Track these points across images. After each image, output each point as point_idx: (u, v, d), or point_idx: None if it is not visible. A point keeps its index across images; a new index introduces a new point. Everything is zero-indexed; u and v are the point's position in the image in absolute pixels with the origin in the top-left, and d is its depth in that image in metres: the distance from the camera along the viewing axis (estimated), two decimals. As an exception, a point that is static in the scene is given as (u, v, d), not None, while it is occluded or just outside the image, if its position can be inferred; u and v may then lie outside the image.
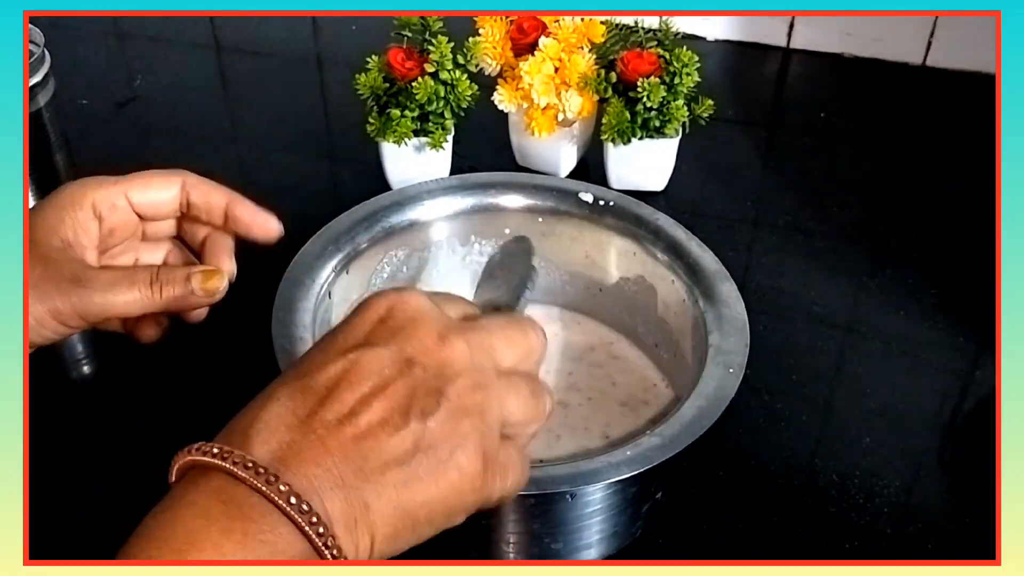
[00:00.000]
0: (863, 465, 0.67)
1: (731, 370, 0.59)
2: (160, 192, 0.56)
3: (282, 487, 0.38)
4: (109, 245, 0.55)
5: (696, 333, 0.64)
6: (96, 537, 0.63)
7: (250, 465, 0.39)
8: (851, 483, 0.66)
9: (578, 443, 0.65)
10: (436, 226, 0.71)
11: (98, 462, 0.68)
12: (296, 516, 0.38)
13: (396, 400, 0.42)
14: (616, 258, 0.70)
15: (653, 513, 0.62)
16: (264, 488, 0.38)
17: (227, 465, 0.39)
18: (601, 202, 0.70)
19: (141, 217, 0.56)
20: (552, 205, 0.71)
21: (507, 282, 0.62)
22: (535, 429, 0.47)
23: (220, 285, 0.55)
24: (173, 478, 0.42)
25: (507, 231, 0.72)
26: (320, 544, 0.38)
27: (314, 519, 0.38)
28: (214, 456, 0.40)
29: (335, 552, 0.39)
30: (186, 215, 0.58)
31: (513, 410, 0.45)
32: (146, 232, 0.58)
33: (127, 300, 0.52)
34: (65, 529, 0.63)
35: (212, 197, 0.57)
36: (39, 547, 0.53)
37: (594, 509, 0.58)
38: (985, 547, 0.62)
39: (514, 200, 0.71)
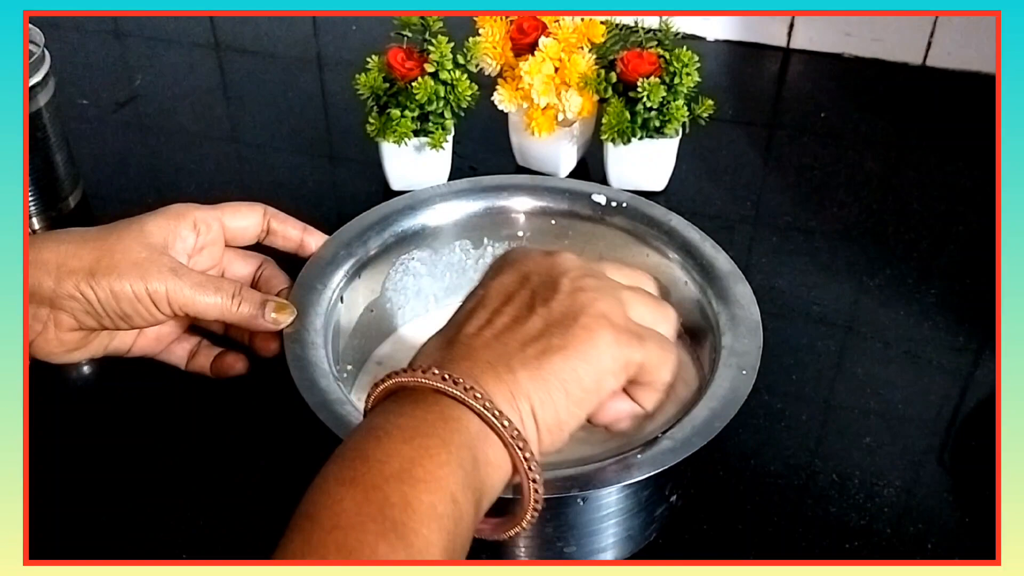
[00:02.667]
0: (863, 465, 0.67)
1: (744, 372, 0.58)
2: (247, 219, 0.65)
3: (445, 376, 0.47)
4: (195, 257, 0.64)
5: (710, 334, 0.64)
6: (96, 537, 0.63)
7: (416, 368, 0.48)
8: (851, 483, 0.66)
9: (592, 441, 0.65)
10: (449, 230, 0.71)
11: (98, 463, 0.68)
12: (463, 395, 0.46)
13: (521, 302, 0.52)
14: (630, 260, 0.70)
15: (666, 516, 0.62)
16: (428, 380, 0.47)
17: (402, 378, 0.48)
18: (614, 203, 0.70)
19: (227, 242, 0.65)
20: (566, 207, 0.71)
21: None
22: (667, 330, 0.56)
23: (287, 319, 0.62)
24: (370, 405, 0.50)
25: (520, 234, 0.72)
26: (490, 416, 0.46)
27: (478, 394, 0.46)
28: (389, 377, 0.48)
29: (504, 422, 0.46)
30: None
31: (637, 307, 0.54)
32: (232, 250, 0.67)
33: (208, 302, 0.60)
34: (65, 529, 0.63)
35: (290, 226, 0.67)
36: (39, 547, 0.53)
37: (607, 512, 0.58)
38: (985, 547, 0.62)
39: (527, 202, 0.71)
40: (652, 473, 0.53)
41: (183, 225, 0.62)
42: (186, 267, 0.61)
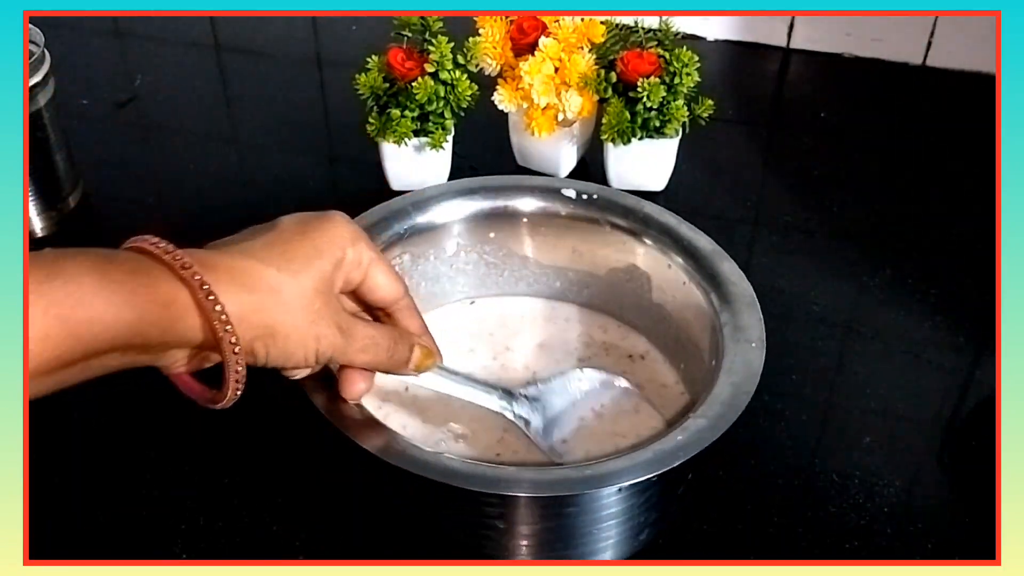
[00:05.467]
0: (863, 465, 0.67)
1: (753, 344, 0.60)
2: (389, 288, 0.57)
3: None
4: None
5: (706, 314, 0.64)
6: (96, 537, 0.64)
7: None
8: (851, 483, 0.66)
9: (591, 437, 0.65)
10: (454, 227, 0.71)
11: (98, 462, 0.68)
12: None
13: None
14: (604, 251, 0.71)
15: (667, 516, 0.62)
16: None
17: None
18: (584, 196, 0.70)
19: (357, 297, 0.57)
20: (538, 201, 0.71)
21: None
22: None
23: (430, 367, 0.58)
24: None
25: (491, 235, 0.72)
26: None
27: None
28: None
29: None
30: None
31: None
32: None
33: (367, 362, 0.55)
34: (65, 529, 0.63)
35: (413, 325, 0.59)
36: (39, 547, 0.53)
37: (608, 512, 0.57)
38: (985, 547, 0.62)
39: (529, 203, 0.72)
40: (699, 449, 0.54)
41: (352, 258, 0.54)
42: (350, 319, 0.54)
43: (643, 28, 0.84)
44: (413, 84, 0.80)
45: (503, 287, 0.75)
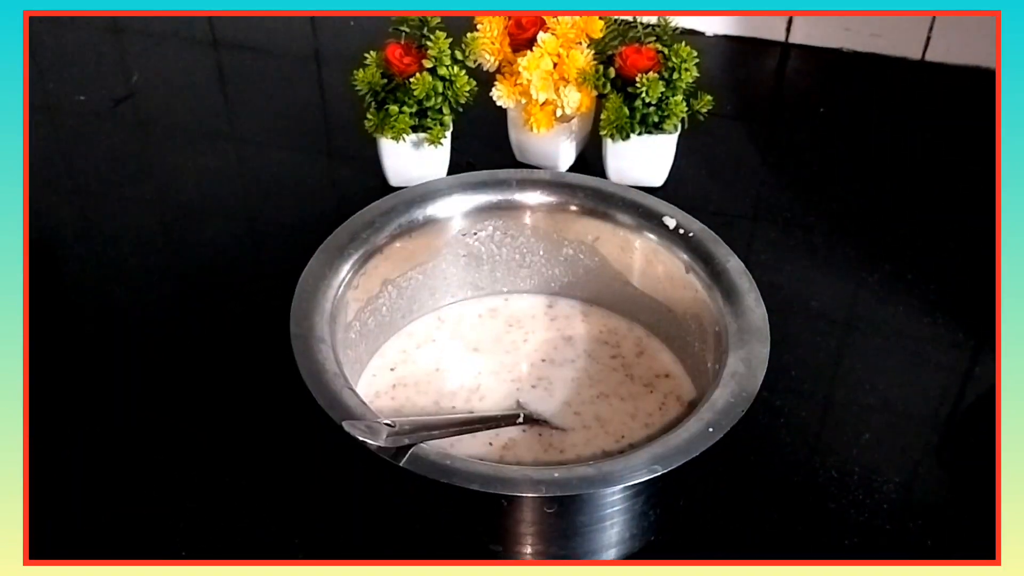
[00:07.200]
0: (862, 461, 0.68)
1: (757, 345, 0.60)
2: None
3: None
4: None
5: (707, 314, 0.65)
6: (96, 537, 0.64)
7: None
8: (850, 479, 0.66)
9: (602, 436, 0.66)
10: (458, 221, 0.71)
11: (98, 462, 0.68)
12: None
13: None
14: (610, 245, 0.71)
15: (667, 515, 0.62)
16: None
17: None
18: (587, 189, 0.71)
19: None
20: (541, 196, 0.72)
21: None
22: None
23: None
24: None
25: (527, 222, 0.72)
26: None
27: None
28: None
29: None
30: None
31: None
32: None
33: None
34: (65, 529, 0.63)
35: None
36: (39, 547, 0.53)
37: (610, 511, 0.58)
38: (985, 544, 0.62)
39: (534, 197, 0.72)
40: (700, 450, 0.55)
41: None
42: None
43: (642, 24, 0.84)
44: (411, 80, 0.80)
45: (502, 284, 0.75)
